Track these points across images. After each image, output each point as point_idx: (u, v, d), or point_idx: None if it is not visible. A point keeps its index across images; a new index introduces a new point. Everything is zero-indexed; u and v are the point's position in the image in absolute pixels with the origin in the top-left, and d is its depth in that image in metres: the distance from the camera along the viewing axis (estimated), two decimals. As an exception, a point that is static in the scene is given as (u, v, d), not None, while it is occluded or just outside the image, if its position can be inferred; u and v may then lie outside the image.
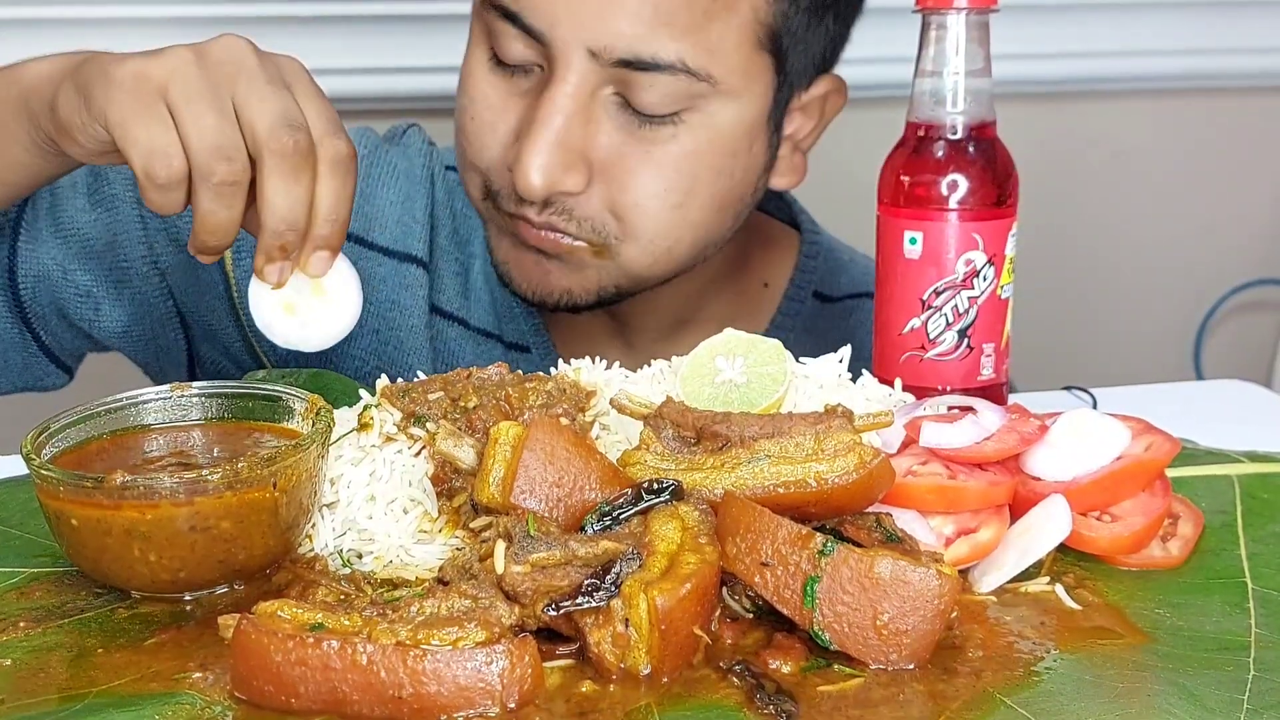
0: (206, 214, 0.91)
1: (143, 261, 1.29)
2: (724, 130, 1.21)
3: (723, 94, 1.18)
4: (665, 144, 1.19)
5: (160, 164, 0.90)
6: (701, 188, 1.21)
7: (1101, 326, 2.49)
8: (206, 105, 0.91)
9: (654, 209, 1.20)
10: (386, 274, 1.35)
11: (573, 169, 1.17)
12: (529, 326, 1.37)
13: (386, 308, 1.35)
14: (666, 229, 1.22)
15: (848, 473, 0.82)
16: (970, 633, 0.79)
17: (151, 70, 0.92)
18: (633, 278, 1.25)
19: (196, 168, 0.90)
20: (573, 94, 1.16)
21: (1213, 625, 0.81)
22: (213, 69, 0.93)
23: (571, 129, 1.16)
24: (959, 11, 1.03)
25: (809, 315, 1.42)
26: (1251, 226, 2.49)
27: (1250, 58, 2.34)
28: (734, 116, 1.21)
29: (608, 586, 0.73)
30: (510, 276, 1.27)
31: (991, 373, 1.07)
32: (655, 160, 1.19)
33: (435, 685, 0.70)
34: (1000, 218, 1.04)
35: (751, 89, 1.21)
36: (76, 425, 0.91)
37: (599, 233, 1.21)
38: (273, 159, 0.90)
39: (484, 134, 1.22)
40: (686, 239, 1.24)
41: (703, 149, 1.20)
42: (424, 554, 0.88)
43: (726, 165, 1.22)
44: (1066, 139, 2.36)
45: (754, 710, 0.71)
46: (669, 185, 1.20)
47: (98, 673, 0.76)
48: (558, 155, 1.16)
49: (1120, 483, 0.90)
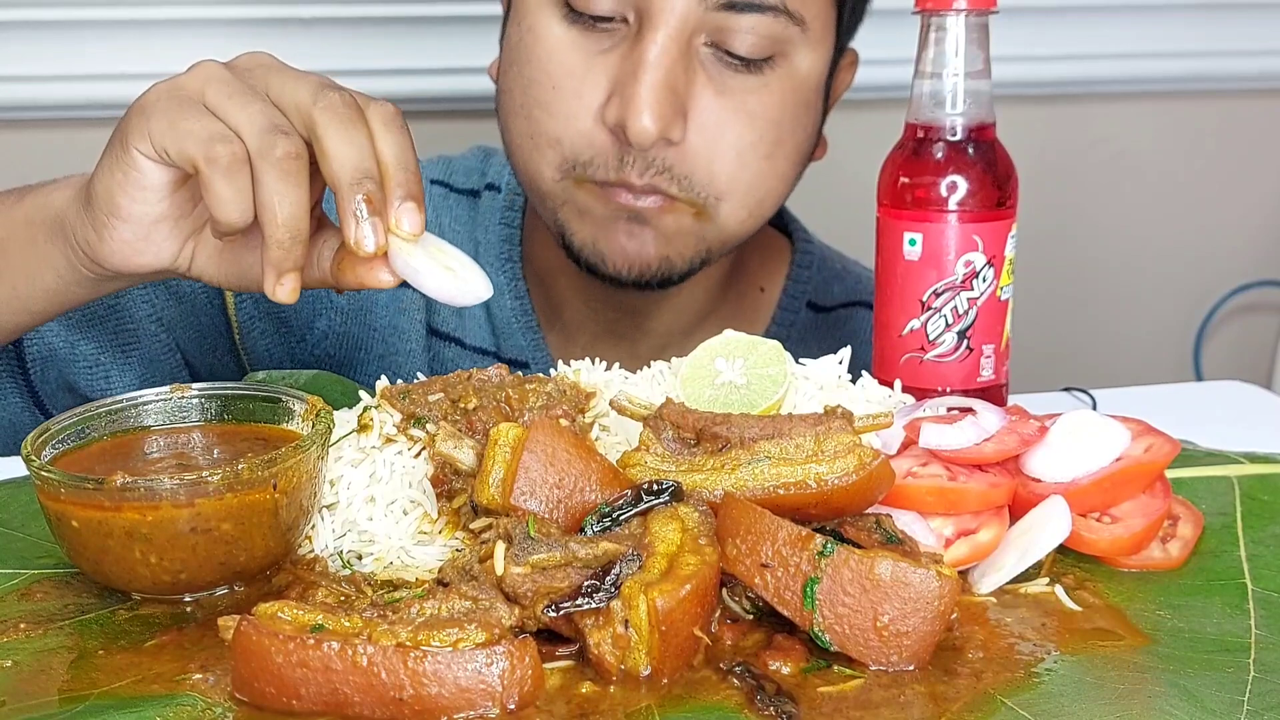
0: (276, 197, 0.86)
1: (148, 320, 1.28)
2: (804, 80, 1.22)
3: (807, 41, 1.20)
4: (757, 93, 1.19)
5: (222, 147, 0.87)
6: (787, 138, 1.23)
7: (1101, 328, 2.49)
8: (247, 96, 0.89)
9: (750, 160, 1.20)
10: (387, 300, 1.35)
11: (679, 116, 1.16)
12: (527, 342, 1.36)
13: (388, 333, 1.36)
14: (760, 181, 1.22)
15: (848, 474, 0.82)
16: (970, 634, 0.79)
17: (182, 82, 0.92)
18: (725, 238, 1.25)
19: (256, 150, 0.87)
20: (674, 36, 1.14)
21: (1213, 627, 0.81)
22: (241, 72, 0.92)
23: (676, 75, 1.15)
24: (958, 13, 1.03)
25: (803, 325, 1.42)
26: (1251, 228, 2.49)
27: (1250, 60, 2.34)
28: (811, 67, 1.22)
29: (608, 588, 0.73)
30: (603, 255, 1.24)
31: (991, 374, 1.07)
32: (749, 110, 1.19)
33: (436, 686, 0.70)
34: (1000, 219, 1.04)
35: (825, 40, 1.23)
36: (77, 427, 0.91)
37: (699, 190, 1.20)
38: (324, 117, 0.87)
39: (568, 101, 1.19)
40: (776, 191, 1.25)
41: (788, 99, 1.21)
42: (424, 555, 0.88)
43: (804, 117, 1.24)
44: (1066, 140, 2.36)
45: (754, 711, 0.71)
46: (761, 135, 1.20)
47: (99, 674, 0.76)
48: (668, 99, 1.14)
49: (1120, 484, 0.90)
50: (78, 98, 1.97)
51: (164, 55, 1.96)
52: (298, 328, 1.35)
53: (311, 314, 1.35)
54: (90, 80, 1.96)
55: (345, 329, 1.36)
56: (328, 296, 1.35)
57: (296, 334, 1.35)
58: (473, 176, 1.43)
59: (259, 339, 1.33)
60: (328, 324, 1.36)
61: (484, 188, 1.42)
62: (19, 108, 1.97)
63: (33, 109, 1.98)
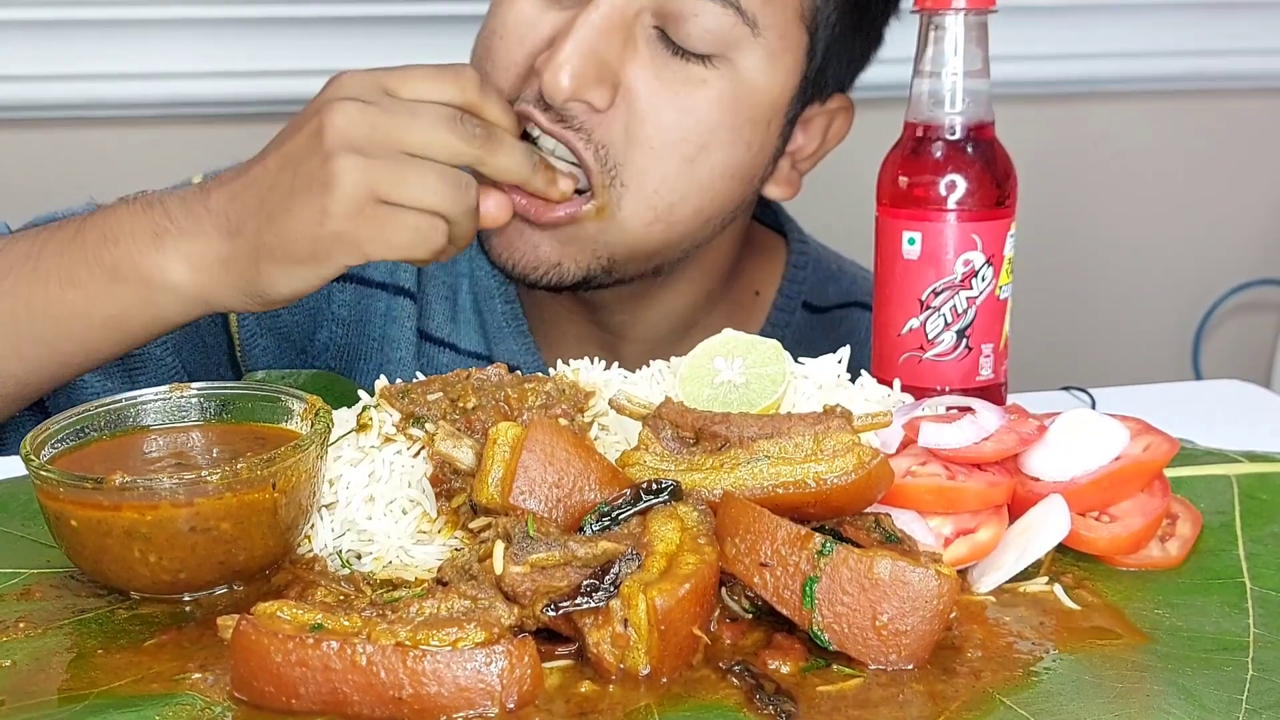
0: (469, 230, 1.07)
1: (156, 345, 1.26)
2: (752, 90, 1.19)
3: (759, 48, 1.17)
4: (694, 86, 1.16)
5: (431, 241, 1.04)
6: (717, 147, 1.19)
7: (1100, 327, 2.49)
8: (418, 171, 1.02)
9: (667, 154, 1.17)
10: (383, 308, 1.36)
11: (601, 84, 1.14)
12: (519, 345, 1.36)
13: (384, 342, 1.36)
14: (673, 181, 1.18)
15: (846, 473, 0.82)
16: (969, 633, 0.79)
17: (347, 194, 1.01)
18: (627, 245, 1.20)
19: (453, 217, 1.04)
20: (618, 6, 1.14)
21: (1211, 625, 0.81)
22: (378, 147, 1.02)
23: (610, 45, 1.14)
24: (957, 12, 1.03)
25: (799, 326, 1.41)
26: (1250, 227, 2.49)
27: (1249, 59, 2.34)
28: (763, 81, 1.19)
29: (607, 587, 0.73)
30: (493, 246, 1.23)
31: (990, 373, 1.07)
32: (681, 101, 1.16)
33: (435, 686, 0.70)
34: (999, 218, 1.04)
35: (784, 58, 1.19)
36: (76, 426, 0.91)
37: (606, 163, 1.16)
38: (479, 151, 1.05)
39: (511, 48, 1.19)
40: (691, 201, 1.20)
41: (727, 103, 1.18)
42: (423, 554, 0.88)
43: (745, 133, 1.20)
44: (1065, 140, 2.36)
45: (753, 710, 0.71)
46: (687, 132, 1.17)
47: (98, 674, 0.76)
48: (591, 62, 1.13)
49: (1119, 483, 0.90)
50: (78, 98, 1.97)
51: (163, 55, 1.97)
52: (298, 340, 1.35)
53: (312, 326, 1.35)
54: (90, 80, 1.96)
55: (345, 340, 1.36)
56: (328, 308, 1.35)
57: (297, 346, 1.35)
58: None
59: (260, 355, 1.33)
60: (328, 335, 1.36)
61: None
62: (19, 107, 1.97)
63: (33, 109, 1.98)
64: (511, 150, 1.08)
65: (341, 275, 1.31)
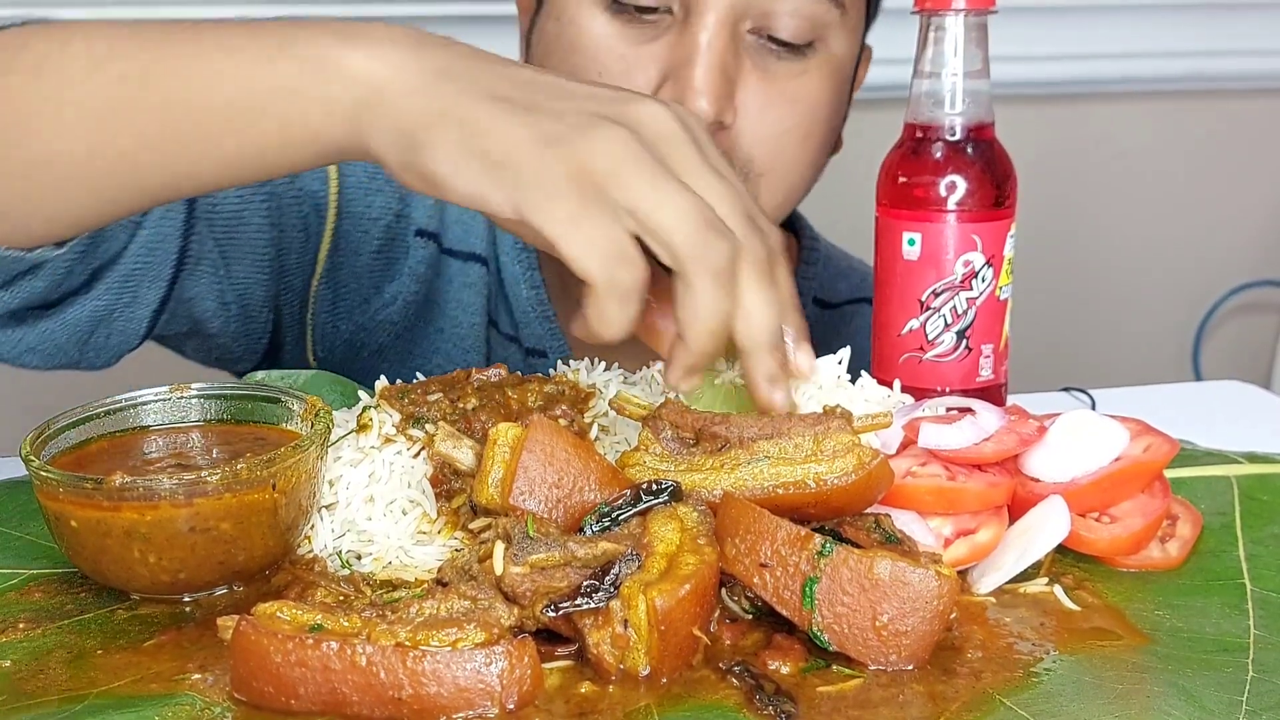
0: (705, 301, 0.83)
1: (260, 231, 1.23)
2: (839, 66, 1.23)
3: (844, 27, 1.21)
4: (799, 78, 1.20)
5: (624, 273, 0.81)
6: (820, 124, 1.24)
7: (1100, 327, 2.49)
8: (670, 187, 0.82)
9: (787, 144, 1.21)
10: (453, 274, 1.37)
11: (730, 101, 1.17)
12: (544, 330, 1.37)
13: (452, 306, 1.36)
14: (795, 165, 1.23)
15: (847, 474, 0.82)
16: (969, 634, 0.79)
17: (588, 156, 0.81)
18: None
19: (686, 256, 0.82)
20: (724, 20, 1.15)
21: (1212, 626, 0.81)
22: (657, 154, 0.83)
23: (727, 60, 1.16)
24: (957, 13, 1.03)
25: (810, 321, 1.42)
26: (1250, 228, 2.49)
27: (1249, 60, 2.34)
28: (846, 53, 1.23)
29: (607, 587, 0.73)
30: None
31: (990, 374, 1.07)
32: (790, 95, 1.20)
33: (435, 686, 0.70)
34: (999, 219, 1.04)
35: (859, 26, 1.25)
36: (76, 426, 0.91)
37: (742, 169, 1.20)
38: (748, 271, 0.84)
39: (619, 84, 1.15)
40: (806, 179, 1.26)
41: (826, 85, 1.22)
42: (423, 555, 0.88)
43: (837, 104, 1.25)
44: (1065, 140, 2.37)
45: (753, 711, 0.71)
46: (799, 120, 1.21)
47: (97, 674, 0.76)
48: (722, 82, 1.15)
49: (1119, 484, 0.90)
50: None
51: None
52: (365, 288, 1.35)
53: (384, 276, 1.35)
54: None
55: (416, 295, 1.36)
56: (405, 262, 1.35)
57: (361, 296, 1.35)
58: None
59: (327, 292, 1.33)
60: (397, 289, 1.36)
61: None
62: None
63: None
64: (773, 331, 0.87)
65: (426, 233, 1.31)
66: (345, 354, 1.37)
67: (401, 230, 1.33)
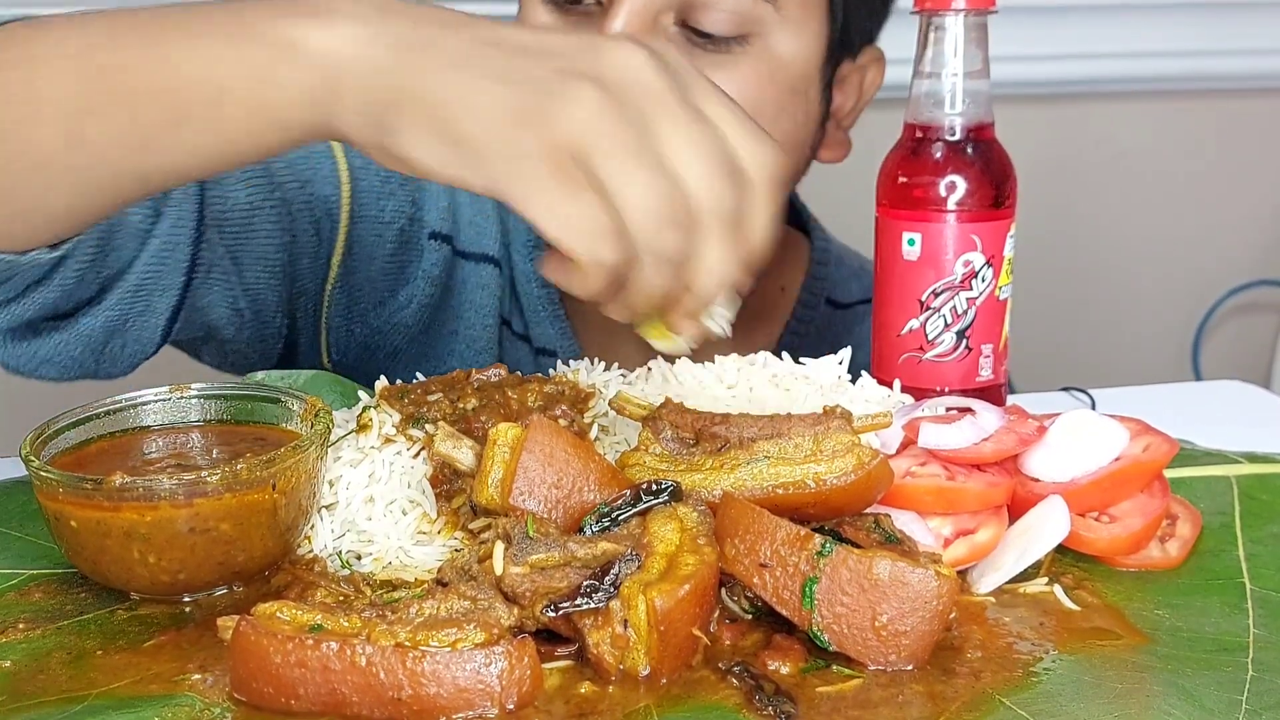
0: (651, 286, 0.79)
1: (271, 237, 1.24)
2: (784, 64, 1.20)
3: (783, 23, 1.18)
4: (725, 70, 1.17)
5: (608, 249, 0.77)
6: (765, 122, 1.18)
7: (1100, 327, 2.49)
8: (639, 165, 0.77)
9: None
10: (467, 275, 1.36)
11: None
12: (555, 330, 1.37)
13: (466, 308, 1.36)
14: None
15: (846, 474, 0.82)
16: (969, 633, 0.79)
17: (561, 128, 0.77)
18: None
19: (642, 243, 0.77)
20: (638, 11, 1.14)
21: (1211, 626, 0.81)
22: (632, 112, 0.78)
23: None
24: (957, 13, 1.03)
25: (822, 322, 1.42)
26: (1250, 228, 2.49)
27: (1249, 59, 2.34)
28: (793, 52, 1.20)
29: (606, 588, 0.73)
30: None
31: (990, 374, 1.07)
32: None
33: (434, 686, 0.70)
34: (998, 219, 1.04)
35: (809, 26, 1.21)
36: (76, 427, 0.91)
37: None
38: (711, 226, 0.79)
39: None
40: None
41: (763, 80, 1.19)
42: (423, 555, 0.88)
43: (788, 104, 1.22)
44: (1065, 140, 2.36)
45: (753, 711, 0.71)
46: None
47: (97, 674, 0.76)
48: None
49: (1119, 484, 0.90)
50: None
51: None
52: (379, 292, 1.34)
53: (398, 280, 1.35)
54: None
55: (430, 299, 1.36)
56: (418, 265, 1.34)
57: (375, 299, 1.34)
58: None
59: (341, 296, 1.32)
60: (411, 292, 1.35)
61: None
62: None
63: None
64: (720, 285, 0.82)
65: (439, 235, 1.29)
66: (360, 357, 1.37)
67: (415, 233, 1.33)
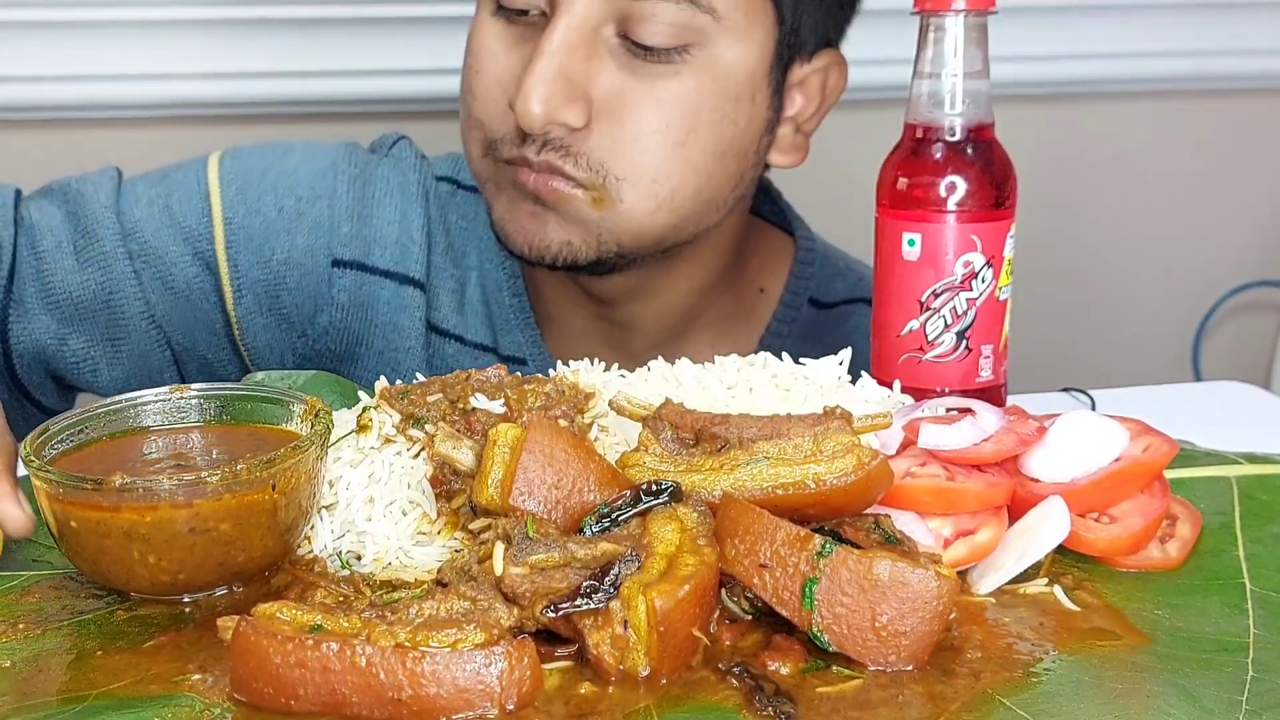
0: None
1: (139, 317, 1.29)
2: (727, 71, 1.20)
3: (725, 31, 1.19)
4: (667, 80, 1.18)
5: None
6: (704, 129, 1.21)
7: (1100, 328, 2.49)
8: None
9: (654, 145, 1.19)
10: (389, 296, 1.36)
11: (573, 102, 1.16)
12: (525, 338, 1.37)
13: (389, 329, 1.36)
14: (668, 169, 1.20)
15: (846, 474, 0.82)
16: (969, 634, 0.79)
17: None
18: (635, 231, 1.23)
19: None
20: (576, 26, 1.16)
21: (1211, 626, 0.81)
22: None
23: (573, 64, 1.16)
24: (957, 13, 1.03)
25: (805, 322, 1.42)
26: (1250, 228, 2.49)
27: (1249, 59, 2.34)
28: (736, 59, 1.21)
29: (606, 588, 0.73)
30: (507, 233, 1.25)
31: (990, 374, 1.07)
32: (656, 96, 1.18)
33: (434, 687, 0.70)
34: (998, 219, 1.04)
35: (753, 33, 1.21)
36: (75, 427, 0.91)
37: (599, 172, 1.19)
38: None
39: (489, 84, 1.22)
40: (689, 184, 1.22)
41: (705, 88, 1.20)
42: (423, 556, 0.88)
43: (729, 111, 1.22)
44: (1065, 141, 2.36)
45: (753, 712, 0.71)
46: (670, 122, 1.19)
47: (97, 675, 0.76)
48: (558, 86, 1.15)
49: (1119, 484, 0.90)
50: (78, 98, 1.96)
51: (164, 56, 1.97)
52: (298, 323, 1.35)
53: (313, 309, 1.35)
54: (90, 81, 1.96)
55: (346, 324, 1.36)
56: (329, 292, 1.35)
57: (297, 329, 1.36)
58: None
59: (259, 334, 1.34)
60: (329, 319, 1.36)
61: None
62: (19, 108, 1.97)
63: (33, 109, 1.98)
64: None
65: (342, 262, 1.30)
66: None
67: (316, 265, 1.33)
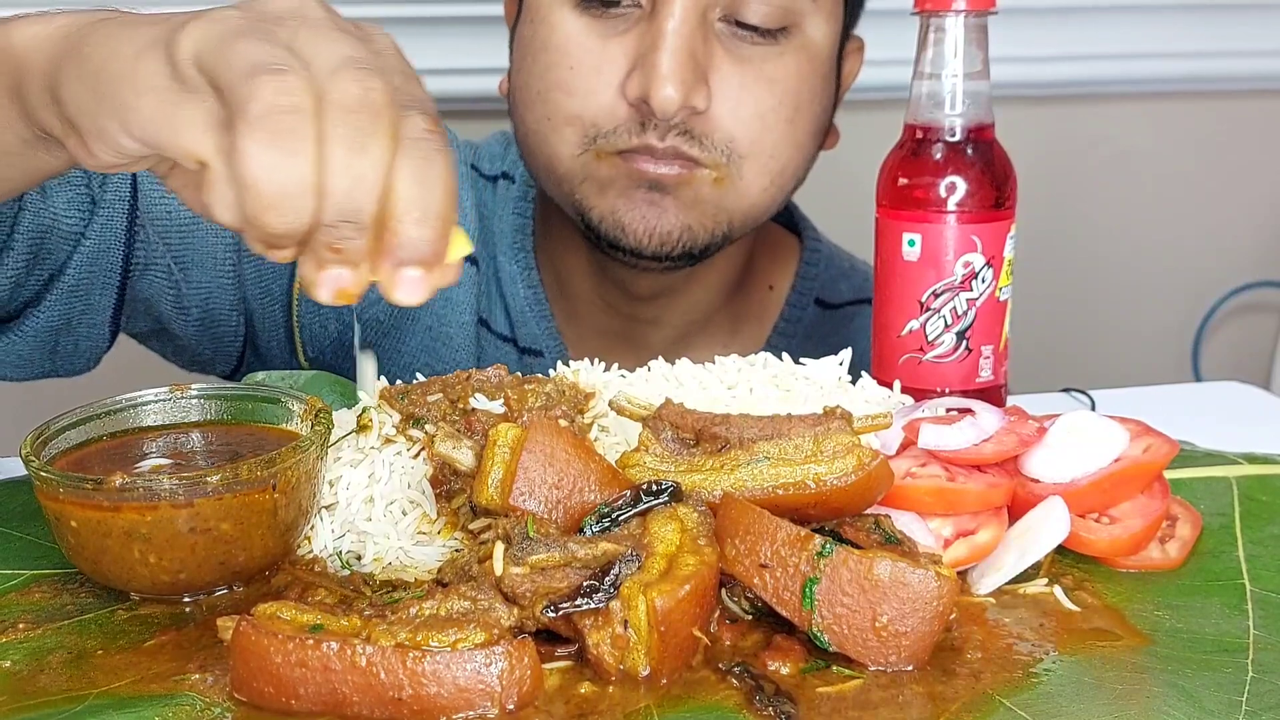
0: (264, 172, 0.65)
1: (220, 247, 1.25)
2: (819, 52, 1.25)
3: (818, 11, 1.23)
4: (774, 60, 1.22)
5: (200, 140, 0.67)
6: (805, 106, 1.25)
7: (1100, 328, 2.49)
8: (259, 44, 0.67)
9: (772, 123, 1.22)
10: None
11: (699, 86, 1.18)
12: (541, 330, 1.37)
13: (439, 304, 1.36)
14: (782, 146, 1.24)
15: (846, 474, 0.82)
16: (969, 634, 0.79)
17: (182, 46, 0.69)
18: (747, 208, 1.25)
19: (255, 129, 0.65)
20: (690, 10, 1.17)
21: (1211, 627, 0.81)
22: (268, 18, 0.70)
23: (695, 46, 1.18)
24: (957, 14, 1.03)
25: (811, 322, 1.43)
26: (1250, 229, 2.49)
27: (1249, 60, 2.34)
28: (825, 39, 1.25)
29: (606, 588, 0.73)
30: (623, 226, 1.23)
31: (990, 374, 1.07)
32: (768, 76, 1.22)
33: (434, 687, 0.70)
34: (998, 220, 1.05)
35: (836, 12, 1.26)
36: (76, 427, 0.91)
37: (723, 151, 1.21)
38: (333, 117, 0.66)
39: (589, 78, 1.21)
40: (794, 161, 1.26)
41: (804, 68, 1.24)
42: (423, 555, 0.88)
43: (820, 89, 1.27)
44: (1065, 141, 2.36)
45: (753, 712, 0.71)
46: (781, 100, 1.22)
47: (97, 674, 0.76)
48: (688, 70, 1.17)
49: (1119, 484, 0.90)
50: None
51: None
52: None
53: None
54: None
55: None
56: None
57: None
58: (496, 163, 1.44)
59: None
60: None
61: (500, 175, 1.43)
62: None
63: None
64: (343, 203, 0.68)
65: None
66: (335, 354, 1.37)
67: None
